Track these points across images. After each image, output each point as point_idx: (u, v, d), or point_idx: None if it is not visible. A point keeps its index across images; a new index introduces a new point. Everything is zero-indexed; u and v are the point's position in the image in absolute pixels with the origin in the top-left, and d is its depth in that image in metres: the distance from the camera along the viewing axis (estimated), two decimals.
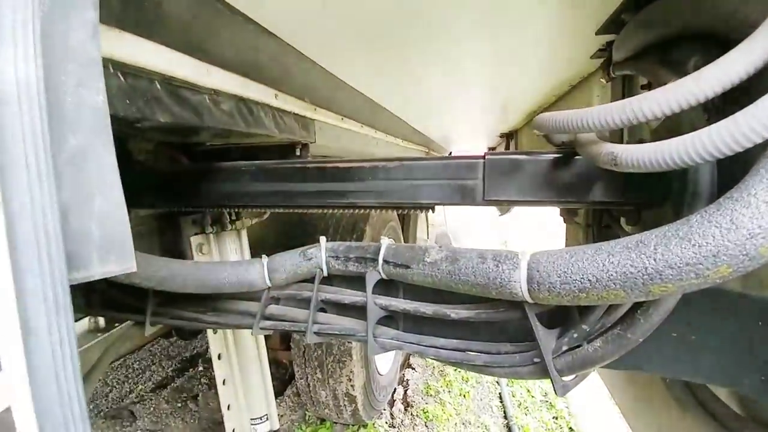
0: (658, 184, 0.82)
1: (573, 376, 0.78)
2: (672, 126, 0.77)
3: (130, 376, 4.19)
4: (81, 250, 0.50)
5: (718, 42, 0.66)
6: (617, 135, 1.28)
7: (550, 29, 1.18)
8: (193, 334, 3.07)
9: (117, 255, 0.54)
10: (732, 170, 0.66)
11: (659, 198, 0.83)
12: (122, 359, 4.38)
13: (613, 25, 1.03)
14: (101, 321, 1.89)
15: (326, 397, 2.72)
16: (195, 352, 4.56)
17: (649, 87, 1.05)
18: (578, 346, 0.75)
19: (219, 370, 1.88)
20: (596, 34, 1.13)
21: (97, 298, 1.45)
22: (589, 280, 0.58)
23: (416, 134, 3.62)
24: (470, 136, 4.88)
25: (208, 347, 1.86)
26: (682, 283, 0.50)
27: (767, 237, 0.46)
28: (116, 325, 1.85)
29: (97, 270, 0.51)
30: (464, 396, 3.82)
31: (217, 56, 0.97)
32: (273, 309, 1.13)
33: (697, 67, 0.76)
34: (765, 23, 0.50)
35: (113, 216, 0.54)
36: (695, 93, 0.52)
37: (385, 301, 0.98)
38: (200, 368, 4.17)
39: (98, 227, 0.52)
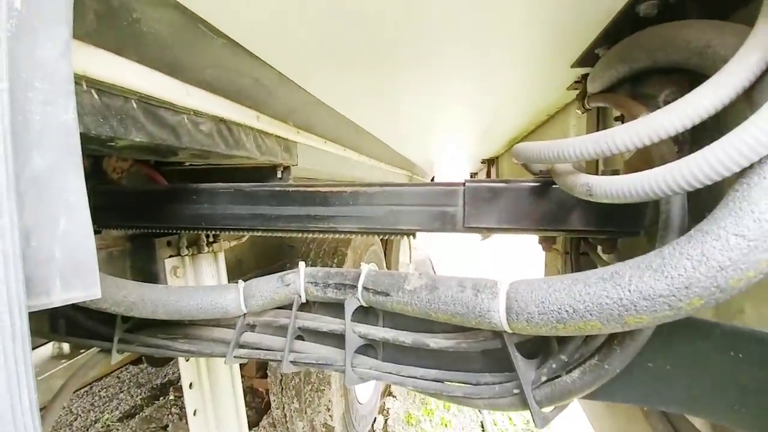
0: (633, 214, 0.83)
1: (552, 407, 0.76)
2: (645, 157, 0.79)
3: (96, 404, 4.00)
4: (43, 274, 0.48)
5: (689, 76, 0.68)
6: (593, 165, 1.31)
7: (529, 61, 1.21)
8: (163, 360, 2.95)
9: (81, 281, 0.51)
10: (703, 201, 0.68)
11: (634, 227, 0.85)
12: (88, 386, 4.18)
13: (587, 58, 1.07)
14: (66, 347, 1.80)
15: (303, 427, 2.62)
16: (166, 379, 4.39)
17: (622, 119, 1.08)
18: (557, 377, 0.74)
19: (190, 400, 1.80)
20: (571, 67, 1.16)
21: (61, 323, 1.39)
22: (566, 310, 0.57)
23: (399, 158, 3.66)
24: (452, 161, 4.94)
25: (180, 375, 1.78)
26: (657, 314, 0.50)
27: (737, 269, 0.46)
28: (81, 351, 1.77)
29: (60, 296, 0.49)
30: (446, 425, 3.75)
31: (197, 77, 0.96)
32: (248, 336, 1.09)
33: (667, 101, 0.79)
34: (733, 59, 0.52)
35: (79, 240, 0.51)
36: (665, 127, 0.53)
37: (364, 329, 0.95)
38: (171, 397, 4.00)
39: (62, 251, 0.50)
